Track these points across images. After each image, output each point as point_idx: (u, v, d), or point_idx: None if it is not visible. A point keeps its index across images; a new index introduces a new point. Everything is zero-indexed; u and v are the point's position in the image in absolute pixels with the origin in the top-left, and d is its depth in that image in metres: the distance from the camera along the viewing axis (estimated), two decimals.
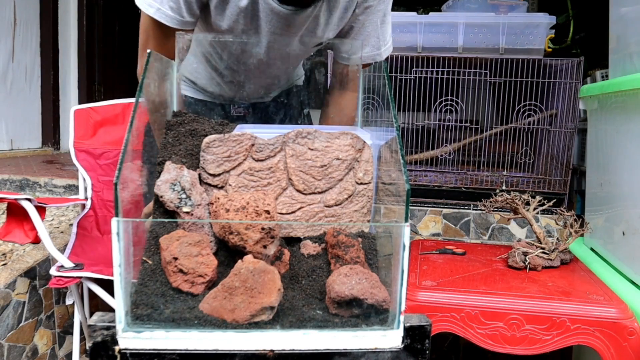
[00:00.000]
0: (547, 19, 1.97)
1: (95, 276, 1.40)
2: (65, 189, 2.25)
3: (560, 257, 1.43)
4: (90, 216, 1.80)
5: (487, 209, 1.48)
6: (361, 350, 0.68)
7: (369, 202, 0.87)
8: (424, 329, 0.71)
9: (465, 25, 2.02)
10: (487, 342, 1.17)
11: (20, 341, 1.65)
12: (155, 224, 0.77)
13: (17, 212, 1.37)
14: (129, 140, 0.70)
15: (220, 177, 0.84)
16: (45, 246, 1.40)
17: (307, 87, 2.58)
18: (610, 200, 1.45)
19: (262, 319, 0.68)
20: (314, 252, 0.82)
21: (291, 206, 0.85)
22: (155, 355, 0.66)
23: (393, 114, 0.78)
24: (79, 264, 1.44)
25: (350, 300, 0.70)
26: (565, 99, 1.95)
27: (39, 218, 1.36)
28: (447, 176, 2.13)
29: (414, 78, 2.06)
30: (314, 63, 2.48)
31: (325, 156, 0.85)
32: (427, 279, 1.28)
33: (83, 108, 1.87)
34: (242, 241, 0.74)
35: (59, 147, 3.53)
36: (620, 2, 1.46)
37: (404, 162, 0.70)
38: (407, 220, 0.68)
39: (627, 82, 1.31)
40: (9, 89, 3.15)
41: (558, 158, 1.99)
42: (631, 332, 1.11)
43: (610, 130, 1.46)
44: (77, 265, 1.43)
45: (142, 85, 0.79)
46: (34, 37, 3.35)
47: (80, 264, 1.44)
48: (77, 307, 1.58)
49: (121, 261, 0.65)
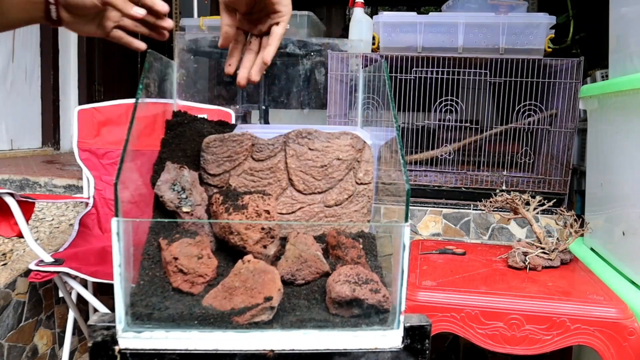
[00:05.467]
0: (547, 19, 1.97)
1: (73, 272, 1.40)
2: (65, 189, 2.25)
3: (560, 257, 1.43)
4: (92, 214, 1.82)
5: (487, 209, 1.48)
6: (361, 350, 0.68)
7: (369, 202, 0.87)
8: (424, 329, 0.71)
9: (465, 25, 2.02)
10: (487, 342, 1.17)
11: (20, 341, 1.65)
12: (155, 224, 0.77)
13: (3, 206, 1.38)
14: (129, 141, 0.70)
15: (220, 177, 0.84)
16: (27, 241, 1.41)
17: (307, 87, 2.59)
18: (610, 200, 1.45)
19: (262, 319, 0.68)
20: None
21: (291, 206, 0.85)
22: (155, 355, 0.66)
23: (393, 114, 0.78)
24: (58, 259, 1.44)
25: (351, 300, 0.70)
26: (565, 99, 1.95)
27: (20, 212, 1.38)
28: (447, 176, 2.13)
29: (414, 78, 2.06)
30: (314, 63, 2.49)
31: (325, 156, 0.85)
32: (427, 279, 1.28)
33: (87, 108, 1.88)
34: (242, 241, 0.74)
35: (59, 147, 3.53)
36: (620, 2, 1.46)
37: (404, 162, 0.70)
38: (407, 220, 0.68)
39: (627, 82, 1.31)
40: (9, 89, 3.15)
41: (558, 158, 1.99)
42: (631, 332, 1.11)
43: (610, 130, 1.46)
44: (57, 261, 1.43)
45: (142, 85, 0.79)
46: (34, 37, 3.35)
47: (60, 260, 1.44)
48: (68, 302, 1.59)
49: (121, 261, 0.65)
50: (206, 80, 2.93)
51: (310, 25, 2.81)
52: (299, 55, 2.44)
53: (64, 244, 1.66)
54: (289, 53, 2.41)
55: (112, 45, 0.91)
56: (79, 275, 1.41)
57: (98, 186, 1.85)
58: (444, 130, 2.15)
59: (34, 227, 1.99)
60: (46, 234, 1.97)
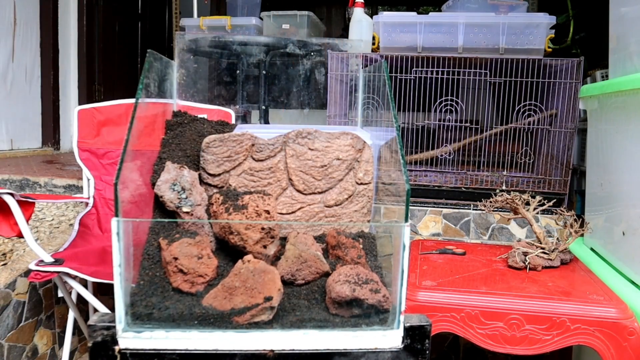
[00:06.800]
0: (547, 19, 1.97)
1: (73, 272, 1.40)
2: (65, 189, 2.25)
3: (560, 257, 1.43)
4: (92, 214, 1.82)
5: (487, 209, 1.48)
6: (361, 350, 0.68)
7: (369, 202, 0.87)
8: (424, 329, 0.71)
9: (465, 25, 2.02)
10: (487, 342, 1.17)
11: (20, 341, 1.65)
12: (155, 224, 0.77)
13: (3, 206, 1.38)
14: (129, 140, 0.70)
15: (220, 177, 0.84)
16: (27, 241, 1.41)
17: (307, 87, 2.59)
18: (610, 200, 1.45)
19: (262, 319, 0.68)
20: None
21: (291, 206, 0.85)
22: (155, 355, 0.66)
23: (393, 114, 0.78)
24: (58, 259, 1.44)
25: (351, 300, 0.70)
26: (565, 99, 1.95)
27: (20, 212, 1.38)
28: (447, 176, 2.13)
29: (414, 78, 2.06)
30: (314, 63, 2.48)
31: (325, 156, 0.85)
32: (427, 279, 1.28)
33: (87, 108, 1.88)
34: (242, 241, 0.74)
35: (59, 147, 3.53)
36: (620, 2, 1.46)
37: (404, 162, 0.70)
38: (407, 220, 0.68)
39: (627, 82, 1.31)
40: (9, 89, 3.15)
41: (558, 158, 1.99)
42: (631, 332, 1.11)
43: (610, 130, 1.46)
44: (57, 261, 1.43)
45: (142, 85, 0.79)
46: (34, 37, 3.35)
47: (60, 260, 1.44)
48: (68, 302, 1.59)
49: (121, 261, 0.65)
50: (206, 80, 2.93)
51: (310, 25, 2.82)
52: (299, 55, 2.44)
53: (64, 244, 1.66)
54: (289, 53, 2.41)
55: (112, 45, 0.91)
56: (79, 275, 1.41)
57: (98, 186, 1.85)
58: (444, 130, 2.15)
59: (34, 227, 1.99)
60: (46, 234, 1.97)
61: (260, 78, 2.46)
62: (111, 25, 3.93)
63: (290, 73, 2.62)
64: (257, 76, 2.49)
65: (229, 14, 2.96)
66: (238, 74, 2.50)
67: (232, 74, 2.65)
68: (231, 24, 2.76)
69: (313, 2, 4.62)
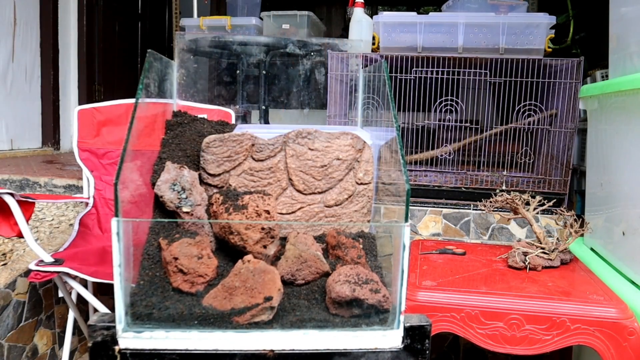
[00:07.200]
0: (547, 19, 1.97)
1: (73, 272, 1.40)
2: (65, 189, 2.25)
3: (560, 257, 1.43)
4: (92, 214, 1.82)
5: (487, 209, 1.48)
6: (361, 350, 0.68)
7: (369, 202, 0.87)
8: (424, 329, 0.71)
9: (465, 25, 2.02)
10: (487, 342, 1.17)
11: (20, 341, 1.65)
12: (155, 224, 0.77)
13: (3, 206, 1.38)
14: (129, 140, 0.70)
15: (220, 177, 0.84)
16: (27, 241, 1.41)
17: (307, 87, 2.59)
18: (610, 200, 1.45)
19: (262, 319, 0.68)
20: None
21: (291, 206, 0.85)
22: (155, 355, 0.66)
23: (393, 114, 0.78)
24: (58, 259, 1.44)
25: (351, 300, 0.70)
26: (565, 99, 1.95)
27: (20, 212, 1.38)
28: (447, 176, 2.13)
29: (414, 78, 2.06)
30: (314, 63, 2.48)
31: (325, 156, 0.85)
32: (427, 279, 1.28)
33: (87, 108, 1.88)
34: (242, 241, 0.74)
35: (59, 147, 3.53)
36: (620, 2, 1.46)
37: (404, 162, 0.70)
38: (407, 220, 0.68)
39: (627, 82, 1.31)
40: (9, 89, 3.15)
41: (558, 158, 1.99)
42: (631, 332, 1.11)
43: (610, 130, 1.46)
44: (57, 261, 1.43)
45: (142, 85, 0.79)
46: (34, 37, 3.35)
47: (60, 260, 1.44)
48: (68, 302, 1.59)
49: (121, 261, 0.65)
50: (206, 80, 2.93)
51: (310, 25, 2.82)
52: (299, 55, 2.44)
53: (64, 244, 1.66)
54: (289, 53, 2.41)
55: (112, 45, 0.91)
56: (79, 275, 1.41)
57: (98, 186, 1.85)
58: (444, 130, 2.15)
59: (34, 227, 1.99)
60: (46, 234, 1.97)
61: (260, 78, 2.46)
62: (111, 25, 3.93)
63: (290, 73, 2.62)
64: (257, 76, 2.49)
65: (229, 14, 2.96)
66: (238, 74, 2.50)
67: (232, 74, 2.65)
68: (231, 24, 2.76)
69: (313, 2, 4.62)
